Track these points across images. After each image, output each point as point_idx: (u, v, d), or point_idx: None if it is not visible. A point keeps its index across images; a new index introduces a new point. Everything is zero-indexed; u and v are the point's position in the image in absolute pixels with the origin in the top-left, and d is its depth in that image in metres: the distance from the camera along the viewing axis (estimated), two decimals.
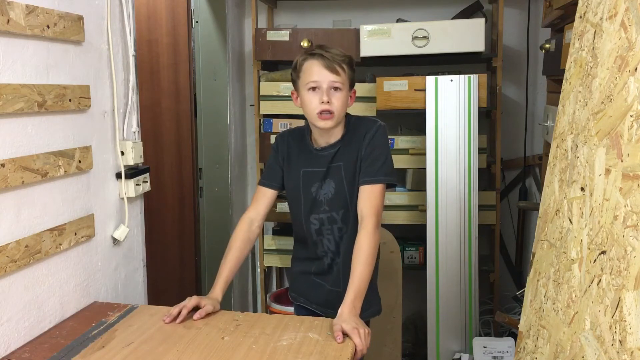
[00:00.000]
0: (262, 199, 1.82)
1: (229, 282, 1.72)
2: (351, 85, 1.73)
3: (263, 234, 3.15)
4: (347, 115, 1.78)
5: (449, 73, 2.79)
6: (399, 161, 2.83)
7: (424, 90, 2.73)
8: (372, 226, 1.65)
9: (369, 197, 1.68)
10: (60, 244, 1.59)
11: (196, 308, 1.61)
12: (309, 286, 1.85)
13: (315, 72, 1.67)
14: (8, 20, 1.37)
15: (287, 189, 1.83)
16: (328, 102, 1.65)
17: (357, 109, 2.84)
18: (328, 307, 1.80)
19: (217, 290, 1.68)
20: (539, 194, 3.08)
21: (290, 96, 1.84)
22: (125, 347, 1.44)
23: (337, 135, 1.75)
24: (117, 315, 1.64)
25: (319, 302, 1.84)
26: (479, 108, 2.71)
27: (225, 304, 3.30)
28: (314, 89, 1.67)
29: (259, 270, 3.30)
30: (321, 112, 1.66)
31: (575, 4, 1.53)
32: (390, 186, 1.75)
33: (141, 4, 3.00)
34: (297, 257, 1.90)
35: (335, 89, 1.67)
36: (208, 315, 1.60)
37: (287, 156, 1.81)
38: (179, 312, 1.58)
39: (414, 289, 3.11)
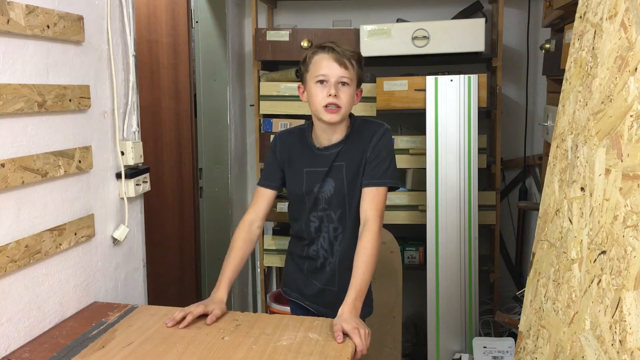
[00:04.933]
0: (261, 199, 1.82)
1: (232, 282, 1.70)
2: (358, 83, 1.73)
3: (263, 234, 3.15)
4: (352, 116, 1.78)
5: (449, 73, 2.79)
6: (399, 161, 2.80)
7: (424, 90, 2.73)
8: (376, 228, 1.66)
9: (373, 199, 1.69)
10: (60, 244, 1.59)
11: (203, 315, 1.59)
12: (301, 283, 1.85)
13: (325, 65, 1.66)
14: (8, 20, 1.37)
15: (289, 188, 1.83)
16: (335, 95, 1.65)
17: (357, 109, 2.83)
18: (321, 305, 1.80)
19: (222, 291, 1.66)
20: (539, 194, 3.08)
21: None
22: (125, 347, 1.44)
23: (340, 134, 1.74)
24: (117, 315, 1.64)
25: (311, 299, 1.83)
26: (479, 108, 2.71)
27: (226, 304, 3.29)
28: (321, 82, 1.67)
29: (259, 270, 3.30)
30: (327, 105, 1.66)
31: (575, 4, 1.53)
32: (392, 189, 1.76)
33: (141, 4, 3.00)
34: (292, 253, 1.90)
35: (343, 83, 1.67)
36: (218, 319, 1.58)
37: (288, 156, 1.80)
38: (183, 318, 1.55)
39: (414, 289, 3.11)
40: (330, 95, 1.65)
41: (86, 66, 1.72)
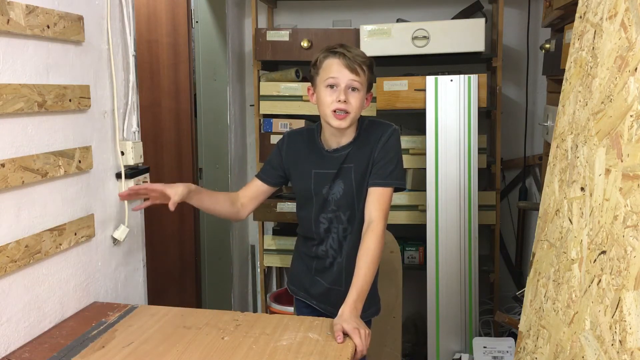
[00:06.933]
0: (252, 187, 1.86)
1: (199, 193, 1.80)
2: (369, 88, 1.73)
3: (263, 234, 3.15)
4: (360, 116, 1.78)
5: (449, 73, 2.79)
6: None
7: (424, 90, 2.73)
8: (381, 229, 1.65)
9: (378, 199, 1.69)
10: (60, 244, 1.59)
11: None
12: (309, 282, 1.85)
13: (335, 69, 1.66)
14: (8, 20, 1.37)
15: (296, 188, 1.83)
16: (345, 101, 1.64)
17: None
18: (328, 304, 1.81)
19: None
20: (539, 194, 3.08)
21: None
22: (125, 347, 1.44)
23: (349, 136, 1.74)
24: (117, 316, 1.64)
25: (318, 298, 1.84)
26: (479, 108, 2.71)
27: (226, 304, 3.31)
28: (331, 86, 1.66)
29: (259, 270, 3.30)
30: (336, 110, 1.65)
31: (575, 4, 1.53)
32: (398, 190, 1.75)
33: (141, 4, 3.00)
34: (299, 252, 1.90)
35: (353, 89, 1.66)
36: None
37: (295, 158, 1.81)
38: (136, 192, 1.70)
39: (414, 289, 3.11)
40: (339, 100, 1.64)
41: (86, 66, 1.72)
